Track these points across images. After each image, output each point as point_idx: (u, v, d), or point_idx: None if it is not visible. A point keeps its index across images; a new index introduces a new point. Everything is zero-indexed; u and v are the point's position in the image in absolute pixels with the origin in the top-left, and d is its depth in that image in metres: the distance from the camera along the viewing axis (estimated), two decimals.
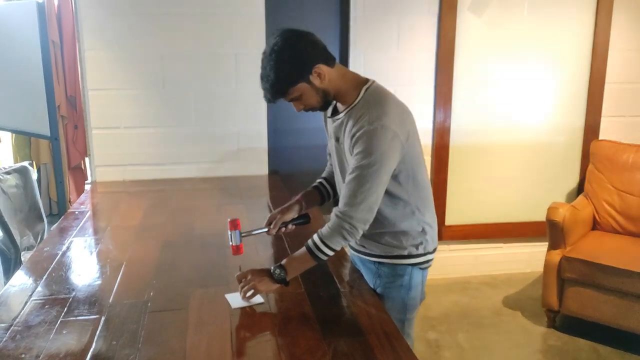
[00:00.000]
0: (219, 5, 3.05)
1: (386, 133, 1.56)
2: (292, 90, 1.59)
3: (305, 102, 1.64)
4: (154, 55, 3.04)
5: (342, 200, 1.63)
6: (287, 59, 1.56)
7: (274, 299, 1.64)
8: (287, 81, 1.58)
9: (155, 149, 3.13)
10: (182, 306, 1.58)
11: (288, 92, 1.60)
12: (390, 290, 1.79)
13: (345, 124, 1.67)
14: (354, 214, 1.59)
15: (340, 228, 1.61)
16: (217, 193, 2.93)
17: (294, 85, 1.58)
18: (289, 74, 1.57)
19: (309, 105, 1.66)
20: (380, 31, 3.30)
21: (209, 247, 2.05)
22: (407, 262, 1.78)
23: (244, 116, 3.19)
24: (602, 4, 3.46)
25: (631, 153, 3.19)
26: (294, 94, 1.61)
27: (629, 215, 3.14)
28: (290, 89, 1.59)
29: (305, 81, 1.59)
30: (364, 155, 1.57)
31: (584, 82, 3.59)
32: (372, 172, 1.56)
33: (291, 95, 1.61)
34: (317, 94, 1.63)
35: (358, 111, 1.62)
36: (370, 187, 1.58)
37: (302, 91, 1.60)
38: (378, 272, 1.81)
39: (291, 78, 1.58)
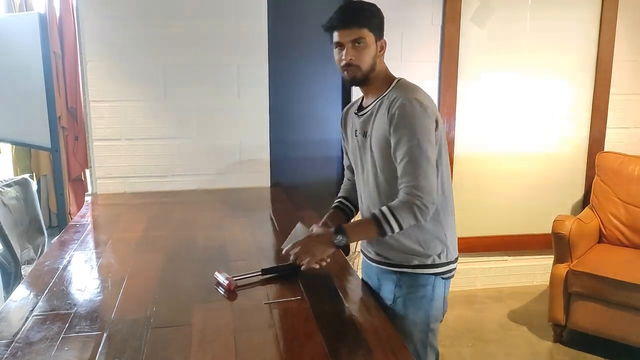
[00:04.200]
0: (221, 17, 3.04)
1: (425, 109, 1.63)
2: (367, 32, 1.67)
3: (362, 52, 1.66)
4: (156, 66, 3.02)
5: (405, 181, 1.63)
6: (381, 14, 1.75)
7: (277, 314, 1.60)
8: (373, 22, 1.69)
9: (156, 161, 3.10)
10: (185, 322, 1.54)
11: (366, 27, 1.66)
12: (413, 301, 1.76)
13: (374, 113, 1.72)
14: (422, 194, 1.60)
15: (412, 204, 1.61)
16: (219, 205, 2.90)
17: (371, 30, 1.68)
18: (378, 21, 1.72)
19: (359, 59, 1.67)
20: None
21: (212, 261, 2.02)
22: (430, 271, 1.75)
23: (246, 128, 3.17)
24: (606, 15, 3.45)
25: (637, 165, 3.16)
26: (364, 36, 1.66)
27: (635, 228, 3.11)
28: (368, 27, 1.67)
29: (376, 38, 1.69)
30: (409, 136, 1.61)
31: (588, 93, 3.58)
32: (422, 150, 1.61)
33: (362, 34, 1.66)
34: (372, 57, 1.69)
35: (391, 96, 1.68)
36: (427, 168, 1.61)
37: (368, 42, 1.67)
38: (399, 283, 1.77)
39: (376, 24, 1.70)
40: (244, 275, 1.81)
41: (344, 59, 1.67)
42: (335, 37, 1.70)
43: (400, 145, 1.63)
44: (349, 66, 1.67)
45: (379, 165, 1.73)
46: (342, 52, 1.68)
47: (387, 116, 1.65)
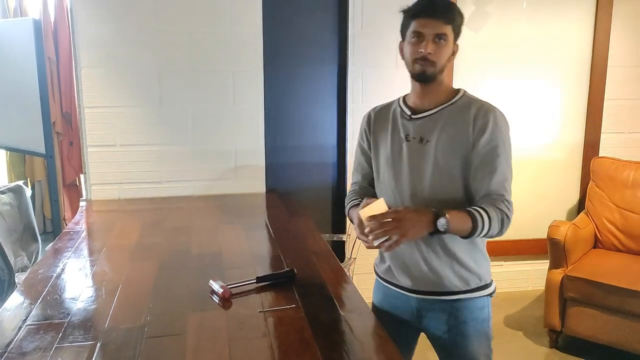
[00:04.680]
0: (217, 24, 3.04)
1: (509, 127, 1.60)
2: (451, 30, 1.58)
3: (442, 49, 1.56)
4: (151, 72, 3.02)
5: (495, 191, 1.54)
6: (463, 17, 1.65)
7: (272, 323, 1.60)
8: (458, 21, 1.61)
9: (151, 167, 3.09)
10: (180, 331, 1.53)
11: (451, 24, 1.58)
12: (474, 329, 1.66)
13: (441, 120, 1.60)
14: (510, 210, 1.53)
15: (502, 216, 1.51)
16: (214, 211, 2.89)
17: (454, 30, 1.59)
18: (461, 23, 1.63)
19: (437, 55, 1.55)
20: (378, 48, 3.29)
21: (206, 268, 2.01)
22: (486, 292, 1.68)
23: (242, 134, 3.17)
24: (600, 21, 3.47)
25: (632, 170, 3.17)
26: (447, 34, 1.57)
27: (630, 233, 3.11)
28: (453, 25, 1.58)
29: (454, 39, 1.61)
30: (503, 149, 1.55)
31: (583, 99, 3.59)
32: (509, 166, 1.57)
33: (446, 31, 1.56)
34: (447, 58, 1.59)
35: (467, 105, 1.60)
36: (511, 184, 1.57)
37: (449, 41, 1.58)
38: (454, 312, 1.65)
39: (459, 24, 1.62)
40: (238, 283, 1.80)
41: (423, 50, 1.54)
42: (416, 25, 1.56)
43: (493, 155, 1.54)
44: (425, 60, 1.55)
45: (443, 173, 1.59)
46: (422, 43, 1.54)
47: (471, 125, 1.56)
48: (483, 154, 1.55)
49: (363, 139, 1.78)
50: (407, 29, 1.60)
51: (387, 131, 1.69)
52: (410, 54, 1.58)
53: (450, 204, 1.56)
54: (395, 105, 1.73)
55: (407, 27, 1.60)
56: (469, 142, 1.56)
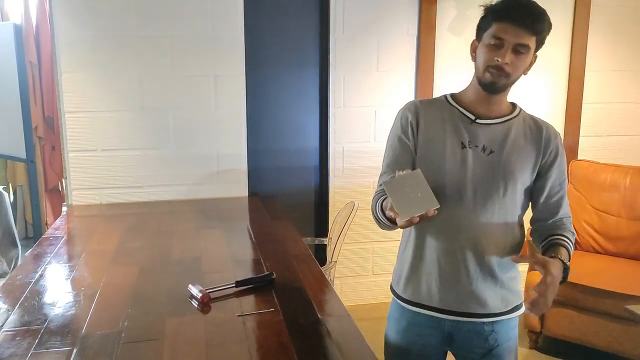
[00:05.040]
0: (198, 29, 3.05)
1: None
2: (534, 43, 1.42)
3: (520, 61, 1.41)
4: (132, 77, 3.01)
5: (566, 214, 1.54)
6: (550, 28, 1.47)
7: (251, 327, 1.61)
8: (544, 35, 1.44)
9: (133, 172, 3.08)
10: (157, 336, 1.54)
11: (536, 36, 1.41)
12: (507, 349, 1.57)
13: (509, 132, 1.48)
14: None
15: (574, 234, 1.53)
16: (196, 216, 2.89)
17: (538, 42, 1.43)
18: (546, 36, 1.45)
19: (514, 67, 1.40)
20: (360, 52, 3.32)
21: (186, 273, 2.01)
22: (521, 311, 1.57)
23: (224, 138, 3.17)
24: (578, 26, 3.53)
25: (609, 173, 3.22)
26: (530, 46, 1.41)
27: (608, 235, 3.16)
28: (538, 38, 1.42)
29: (536, 49, 1.45)
30: (565, 173, 1.54)
31: (561, 102, 3.64)
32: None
33: (530, 43, 1.40)
34: (524, 69, 1.45)
35: (530, 121, 1.53)
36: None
37: (529, 54, 1.43)
38: (491, 336, 1.54)
39: (544, 38, 1.44)
40: (218, 288, 1.81)
41: (501, 59, 1.38)
42: (498, 29, 1.39)
43: (563, 180, 1.53)
44: (500, 70, 1.39)
45: (515, 189, 1.48)
46: (500, 50, 1.38)
47: (542, 147, 1.49)
48: (555, 179, 1.50)
49: (407, 134, 1.53)
50: (485, 29, 1.43)
51: (444, 131, 1.50)
52: (484, 60, 1.42)
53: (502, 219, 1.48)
54: (444, 103, 1.55)
55: (487, 28, 1.42)
56: (538, 164, 1.49)
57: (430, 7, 3.33)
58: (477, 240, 1.47)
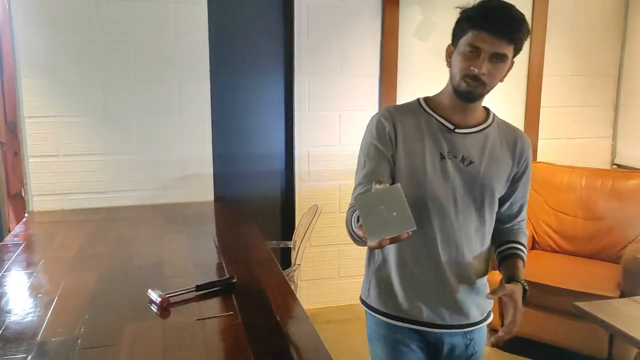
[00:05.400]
0: (162, 33, 3.04)
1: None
2: (512, 51, 1.36)
3: (497, 70, 1.36)
4: (95, 82, 2.99)
5: (522, 214, 1.59)
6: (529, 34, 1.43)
7: (209, 331, 1.62)
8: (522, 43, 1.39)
9: (96, 177, 3.06)
10: (114, 342, 1.53)
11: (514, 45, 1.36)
12: (481, 353, 1.59)
13: (486, 141, 1.47)
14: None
15: (526, 236, 1.61)
16: (159, 221, 2.88)
17: (515, 50, 1.38)
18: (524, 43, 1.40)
19: (491, 77, 1.36)
20: (324, 57, 3.36)
21: (147, 279, 2.01)
22: (491, 318, 1.59)
23: (189, 142, 3.17)
24: (536, 32, 3.63)
25: (565, 174, 3.33)
26: (508, 55, 1.36)
27: (565, 234, 3.26)
28: (515, 46, 1.37)
29: (513, 57, 1.39)
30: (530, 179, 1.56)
31: (521, 106, 3.74)
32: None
33: (508, 52, 1.35)
34: (501, 77, 1.41)
35: (506, 131, 1.52)
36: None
37: (507, 63, 1.38)
38: (471, 344, 1.56)
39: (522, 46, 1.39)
40: (178, 292, 1.81)
41: (477, 69, 1.34)
42: (474, 38, 1.33)
43: (527, 188, 1.55)
44: (476, 79, 1.35)
45: (492, 201, 1.48)
46: (477, 60, 1.33)
47: (516, 156, 1.49)
48: (521, 188, 1.53)
49: (386, 144, 1.45)
50: (462, 35, 1.38)
51: (423, 141, 1.44)
52: (460, 69, 1.37)
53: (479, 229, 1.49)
54: (419, 110, 1.49)
55: (463, 34, 1.37)
56: (512, 175, 1.49)
57: (392, 13, 3.39)
58: (458, 252, 1.46)
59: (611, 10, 3.79)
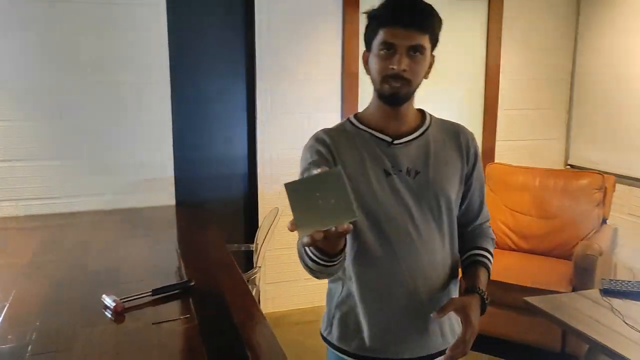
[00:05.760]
0: (119, 36, 3.01)
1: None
2: (428, 41, 1.28)
3: (419, 65, 1.27)
4: (49, 85, 2.93)
5: (483, 215, 1.48)
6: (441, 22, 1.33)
7: (164, 335, 1.61)
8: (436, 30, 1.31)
9: (51, 182, 2.99)
10: (66, 348, 1.51)
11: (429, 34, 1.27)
12: None
13: (428, 146, 1.36)
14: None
15: (493, 239, 1.50)
16: (118, 226, 2.84)
17: (431, 40, 1.29)
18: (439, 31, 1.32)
19: (414, 72, 1.27)
20: (286, 61, 3.37)
21: (102, 284, 1.98)
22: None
23: (148, 146, 3.14)
24: (492, 35, 3.74)
25: (521, 175, 3.42)
26: (425, 46, 1.27)
27: (521, 233, 3.34)
28: (431, 35, 1.28)
29: (432, 48, 1.32)
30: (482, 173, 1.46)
31: (479, 109, 3.83)
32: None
33: (424, 42, 1.26)
34: (424, 72, 1.32)
35: (447, 129, 1.42)
36: None
37: (426, 54, 1.29)
38: None
39: (437, 34, 1.32)
40: (133, 297, 1.79)
41: (396, 66, 1.24)
42: (386, 35, 1.25)
43: (481, 183, 1.45)
44: (399, 78, 1.26)
45: (450, 207, 1.36)
46: (394, 57, 1.25)
47: (464, 154, 1.40)
48: (475, 184, 1.43)
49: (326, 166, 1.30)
50: (373, 37, 1.29)
51: (363, 161, 1.32)
52: (379, 70, 1.28)
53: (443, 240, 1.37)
54: (352, 128, 1.38)
55: (374, 35, 1.29)
56: (464, 172, 1.40)
57: (353, 16, 3.43)
58: (426, 272, 1.33)
59: (563, 16, 3.92)
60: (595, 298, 2.08)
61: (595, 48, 3.81)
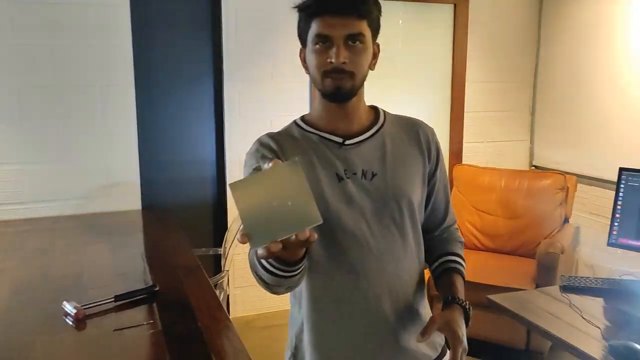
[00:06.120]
0: (82, 37, 2.95)
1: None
2: (367, 28, 1.16)
3: (359, 55, 1.15)
4: (9, 88, 2.86)
5: (452, 221, 1.38)
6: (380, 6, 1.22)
7: (127, 341, 1.58)
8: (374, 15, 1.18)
9: (13, 188, 2.92)
10: (24, 357, 1.47)
11: (366, 19, 1.15)
12: None
13: (381, 146, 1.23)
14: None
15: (462, 242, 1.39)
16: (82, 232, 2.79)
17: (370, 26, 1.17)
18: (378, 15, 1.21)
19: (355, 63, 1.15)
20: (253, 62, 3.36)
21: (64, 291, 1.93)
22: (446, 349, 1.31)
23: (113, 149, 3.09)
24: (458, 38, 3.79)
25: (487, 176, 3.48)
26: (364, 33, 1.15)
27: (487, 233, 3.40)
28: (369, 21, 1.16)
29: (373, 36, 1.20)
30: (446, 172, 1.34)
31: (446, 111, 3.88)
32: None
33: (362, 29, 1.14)
34: (367, 62, 1.20)
35: (404, 125, 1.30)
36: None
37: (367, 43, 1.17)
38: None
39: (376, 18, 1.20)
40: (95, 303, 1.76)
41: (334, 59, 1.12)
42: (319, 26, 1.14)
43: (444, 182, 1.32)
44: (340, 72, 1.14)
45: (412, 210, 1.23)
46: (331, 50, 1.13)
47: (425, 151, 1.27)
48: (439, 184, 1.31)
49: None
50: (307, 31, 1.17)
51: (312, 166, 1.19)
52: (317, 66, 1.15)
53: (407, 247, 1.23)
54: (299, 131, 1.25)
55: (307, 29, 1.17)
56: (426, 171, 1.27)
57: None
58: (390, 283, 1.20)
59: (526, 21, 4.00)
60: (555, 295, 2.12)
61: (556, 54, 3.90)
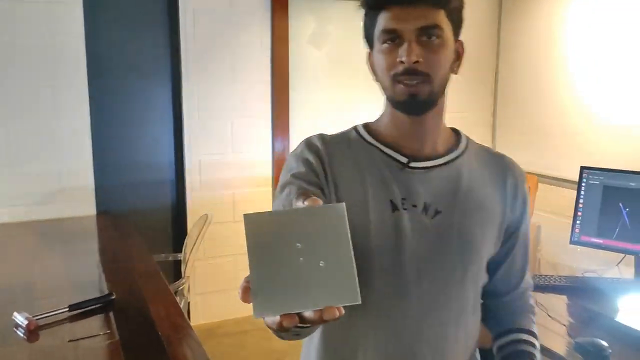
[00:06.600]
0: (31, 35, 2.82)
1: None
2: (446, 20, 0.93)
3: (437, 52, 0.92)
4: None
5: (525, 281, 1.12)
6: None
7: (82, 352, 1.49)
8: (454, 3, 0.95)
9: None
10: None
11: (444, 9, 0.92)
12: None
13: (456, 177, 0.99)
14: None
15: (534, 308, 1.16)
16: (33, 239, 2.65)
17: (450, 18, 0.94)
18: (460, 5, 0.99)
19: (432, 63, 0.91)
20: (213, 64, 3.28)
21: (13, 301, 1.83)
22: None
23: (65, 152, 2.95)
24: None
25: None
26: (442, 26, 0.92)
27: None
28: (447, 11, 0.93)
29: (454, 35, 0.97)
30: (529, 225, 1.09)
31: None
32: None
33: (438, 21, 0.91)
34: (448, 67, 0.97)
35: (489, 160, 1.05)
36: None
37: (446, 38, 0.93)
38: None
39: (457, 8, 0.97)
40: (48, 313, 1.66)
41: (404, 57, 0.89)
42: (387, 20, 0.92)
43: (525, 243, 1.08)
44: (413, 74, 0.90)
45: (480, 266, 1.00)
46: (401, 47, 0.91)
47: (508, 198, 1.02)
48: (521, 240, 1.07)
49: (310, 183, 0.95)
50: (372, 29, 0.96)
51: (364, 187, 0.96)
52: (385, 68, 0.93)
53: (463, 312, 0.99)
54: (358, 141, 1.02)
55: (373, 27, 0.96)
56: (504, 223, 1.02)
57: (282, 19, 3.39)
58: (433, 347, 0.96)
59: (486, 26, 4.06)
60: None
61: (516, 56, 3.97)
